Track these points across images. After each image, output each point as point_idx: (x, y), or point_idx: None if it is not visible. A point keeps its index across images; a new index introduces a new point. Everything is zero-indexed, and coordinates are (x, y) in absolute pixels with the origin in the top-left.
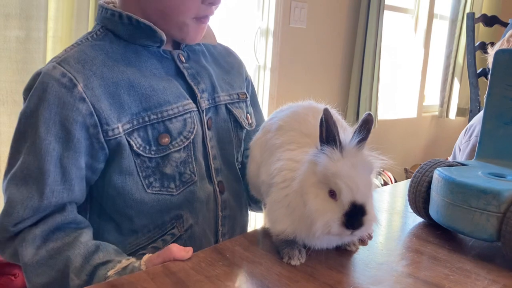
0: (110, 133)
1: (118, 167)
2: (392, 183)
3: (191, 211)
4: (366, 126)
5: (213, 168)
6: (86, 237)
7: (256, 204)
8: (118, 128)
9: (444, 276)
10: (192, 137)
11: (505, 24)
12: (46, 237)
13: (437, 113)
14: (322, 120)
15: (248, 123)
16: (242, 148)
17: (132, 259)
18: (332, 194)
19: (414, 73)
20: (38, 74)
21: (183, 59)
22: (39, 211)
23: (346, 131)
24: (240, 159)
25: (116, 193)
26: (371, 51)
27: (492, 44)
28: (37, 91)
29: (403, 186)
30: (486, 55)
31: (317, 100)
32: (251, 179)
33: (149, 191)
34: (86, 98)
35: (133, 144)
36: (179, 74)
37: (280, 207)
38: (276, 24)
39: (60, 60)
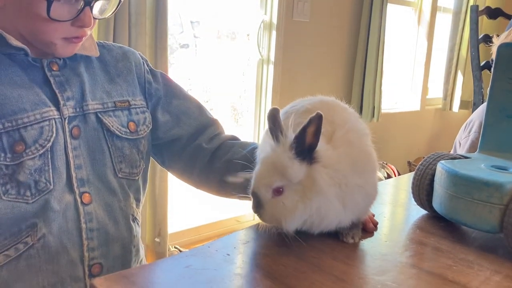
0: None
1: None
2: (395, 175)
3: (45, 220)
4: (312, 128)
5: (74, 178)
6: None
7: None
8: None
9: (447, 266)
10: (49, 145)
11: (509, 17)
12: None
13: (440, 106)
14: (269, 117)
15: (130, 131)
16: (142, 157)
17: None
18: None
19: (418, 66)
20: None
21: (55, 67)
22: None
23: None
24: (128, 169)
25: None
26: (375, 45)
27: (498, 36)
28: None
29: (407, 178)
30: (491, 44)
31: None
32: None
33: (4, 198)
34: None
35: None
36: (46, 82)
37: None
38: (279, 18)
39: None
